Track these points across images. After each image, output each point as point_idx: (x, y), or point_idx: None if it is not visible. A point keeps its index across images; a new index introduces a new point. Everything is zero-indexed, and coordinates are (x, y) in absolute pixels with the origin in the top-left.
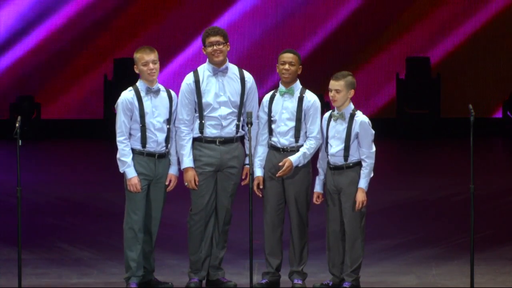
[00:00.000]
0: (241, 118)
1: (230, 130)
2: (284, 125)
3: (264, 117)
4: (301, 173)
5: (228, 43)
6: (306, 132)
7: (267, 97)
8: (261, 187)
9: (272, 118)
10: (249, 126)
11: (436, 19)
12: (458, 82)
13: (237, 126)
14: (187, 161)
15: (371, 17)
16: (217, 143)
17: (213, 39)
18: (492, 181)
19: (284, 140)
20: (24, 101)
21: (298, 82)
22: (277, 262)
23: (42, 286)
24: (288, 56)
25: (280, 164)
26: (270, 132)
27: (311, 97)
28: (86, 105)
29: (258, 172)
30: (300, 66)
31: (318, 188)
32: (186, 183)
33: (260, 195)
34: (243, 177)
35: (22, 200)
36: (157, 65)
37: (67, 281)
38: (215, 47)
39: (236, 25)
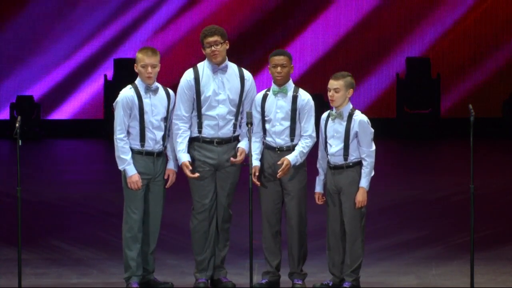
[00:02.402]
0: (239, 117)
1: (227, 131)
2: (280, 124)
3: (257, 116)
4: (299, 172)
5: (226, 41)
6: (301, 131)
7: (259, 95)
8: (257, 173)
9: (266, 118)
10: (249, 126)
11: (437, 19)
12: (458, 82)
13: (235, 126)
14: (184, 156)
15: (371, 17)
16: (215, 143)
17: (210, 39)
18: (492, 181)
19: (280, 140)
20: (24, 101)
21: (291, 81)
22: (276, 261)
23: (42, 286)
24: (279, 59)
25: (279, 163)
26: (264, 131)
27: (305, 96)
28: (86, 105)
29: (255, 162)
30: (292, 66)
31: (318, 188)
32: (185, 174)
33: (258, 184)
34: (233, 157)
35: (22, 200)
36: (156, 69)
37: (67, 281)
38: (213, 48)
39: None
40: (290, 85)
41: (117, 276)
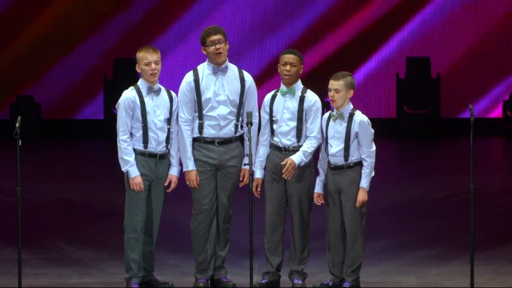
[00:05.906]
0: (240, 118)
1: (228, 131)
2: (286, 125)
3: (265, 117)
4: (303, 173)
5: (227, 42)
6: (306, 132)
7: (268, 96)
8: (259, 189)
9: (273, 118)
10: (249, 126)
11: (437, 19)
12: (458, 82)
13: (236, 126)
14: (190, 165)
15: (371, 17)
16: (216, 143)
17: (214, 37)
18: (492, 181)
19: (286, 140)
20: (24, 101)
21: (299, 82)
22: (277, 261)
23: (42, 286)
24: (289, 57)
25: (282, 163)
26: (272, 132)
27: (312, 97)
28: (86, 105)
29: (258, 173)
30: (302, 66)
31: (318, 188)
32: (188, 182)
33: (259, 197)
34: (241, 179)
35: (22, 200)
36: (159, 66)
37: (67, 281)
38: (217, 46)
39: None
40: (299, 86)
41: (117, 276)
